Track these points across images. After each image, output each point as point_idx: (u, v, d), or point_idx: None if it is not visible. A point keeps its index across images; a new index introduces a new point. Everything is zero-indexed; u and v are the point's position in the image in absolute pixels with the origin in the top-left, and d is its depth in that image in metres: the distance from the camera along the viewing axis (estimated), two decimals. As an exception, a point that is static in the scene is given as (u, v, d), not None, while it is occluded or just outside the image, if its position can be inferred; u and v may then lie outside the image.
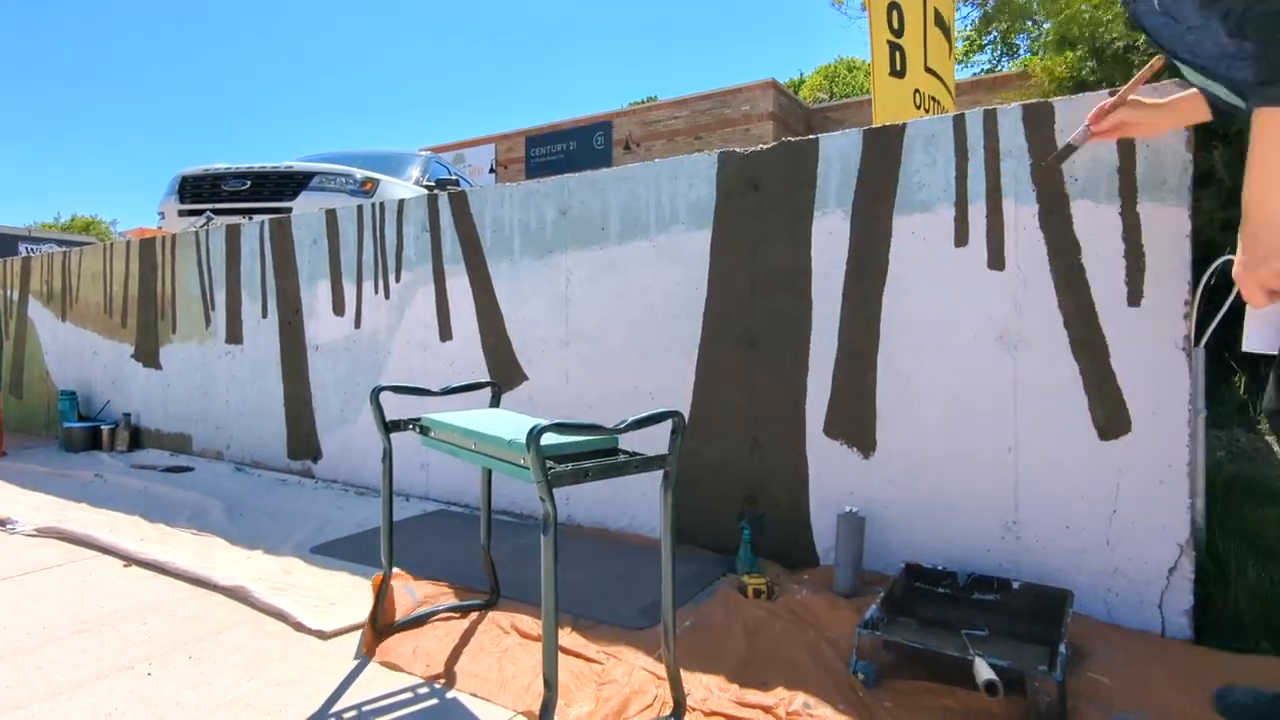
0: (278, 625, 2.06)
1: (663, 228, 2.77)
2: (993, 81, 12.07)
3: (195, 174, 5.59)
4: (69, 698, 1.68)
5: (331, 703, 1.65)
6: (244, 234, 4.22)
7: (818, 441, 2.46)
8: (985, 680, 1.50)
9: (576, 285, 2.99)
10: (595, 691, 1.68)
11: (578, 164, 15.11)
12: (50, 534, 2.89)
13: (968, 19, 7.10)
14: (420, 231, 3.47)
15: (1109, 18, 2.62)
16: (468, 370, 3.30)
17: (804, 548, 2.48)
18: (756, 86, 14.29)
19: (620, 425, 1.46)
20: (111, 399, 5.00)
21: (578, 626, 2.01)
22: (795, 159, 2.50)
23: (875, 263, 2.36)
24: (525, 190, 3.14)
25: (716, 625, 1.99)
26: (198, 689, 1.71)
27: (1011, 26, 6.47)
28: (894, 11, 4.26)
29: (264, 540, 2.82)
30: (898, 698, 1.63)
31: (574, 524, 2.99)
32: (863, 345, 2.38)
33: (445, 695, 1.69)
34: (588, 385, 2.96)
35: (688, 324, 2.72)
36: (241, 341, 4.22)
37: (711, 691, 1.67)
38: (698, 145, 14.46)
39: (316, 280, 3.87)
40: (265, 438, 4.12)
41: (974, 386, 2.20)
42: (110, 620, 2.10)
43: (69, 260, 5.35)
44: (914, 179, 2.30)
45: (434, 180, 6.30)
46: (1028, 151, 2.12)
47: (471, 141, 17.63)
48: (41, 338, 5.57)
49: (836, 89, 24.57)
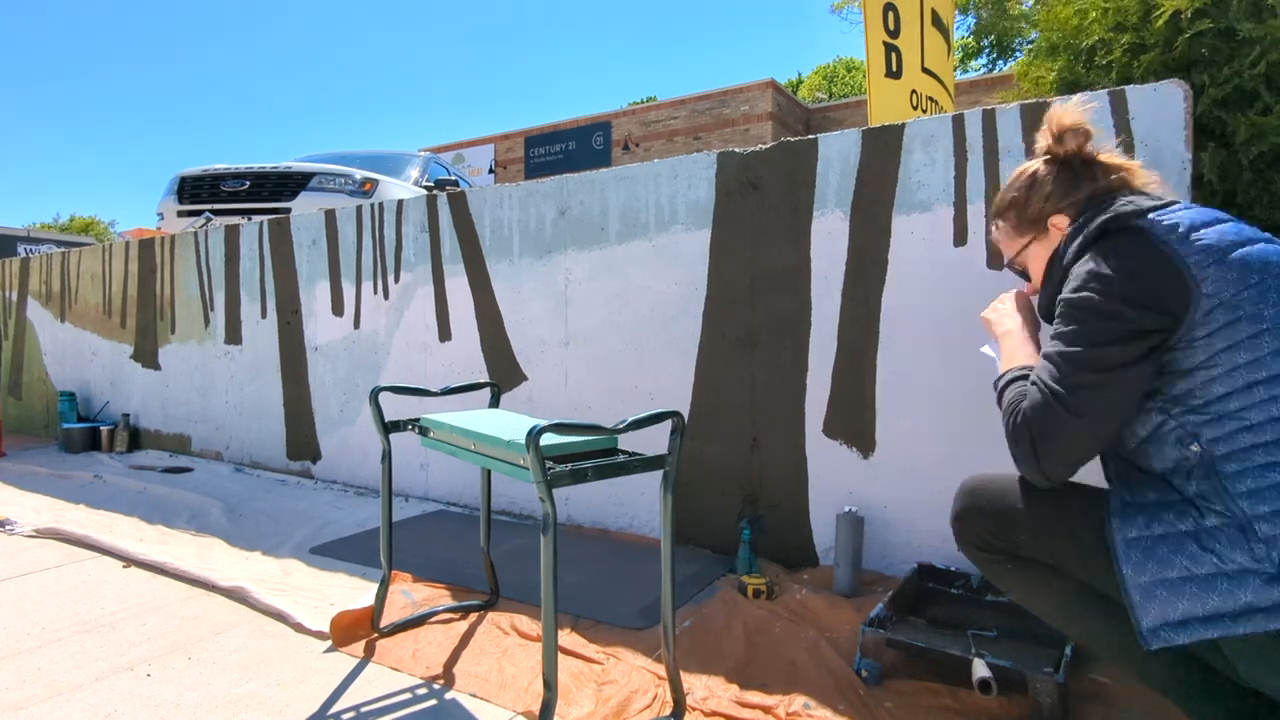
0: (277, 626, 2.06)
1: (662, 228, 2.77)
2: (991, 82, 12.08)
3: (194, 174, 5.58)
4: (69, 698, 1.67)
5: (331, 703, 1.65)
6: (243, 234, 4.22)
7: (817, 441, 2.46)
8: (979, 678, 1.50)
9: (576, 285, 2.99)
10: (595, 692, 1.68)
11: (577, 164, 15.13)
12: (49, 535, 2.89)
13: (966, 25, 7.13)
14: (419, 232, 3.47)
15: (1089, 21, 2.62)
16: (467, 370, 3.30)
17: (804, 548, 2.49)
18: (755, 86, 14.31)
19: (620, 425, 1.46)
20: (110, 400, 4.99)
21: (577, 627, 2.01)
22: (794, 159, 2.50)
23: (874, 262, 2.36)
24: (524, 190, 3.14)
25: (716, 625, 1.98)
26: (197, 690, 1.71)
27: (1002, 38, 6.50)
28: (889, 12, 4.26)
29: (263, 541, 2.82)
30: (899, 698, 1.62)
31: (574, 524, 2.99)
32: (862, 345, 2.38)
33: (445, 696, 1.69)
34: (587, 385, 2.96)
35: (687, 324, 2.72)
36: (241, 342, 4.22)
37: (711, 691, 1.67)
38: (697, 145, 14.46)
39: (315, 281, 3.87)
40: (264, 438, 4.12)
41: (973, 386, 2.20)
42: (110, 621, 2.10)
43: (68, 261, 5.35)
44: (913, 179, 2.30)
45: (433, 180, 6.30)
46: (1026, 151, 2.12)
47: (471, 142, 17.64)
48: (40, 339, 5.57)
49: (835, 89, 24.60)
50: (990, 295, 2.17)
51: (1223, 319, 1.08)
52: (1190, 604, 1.06)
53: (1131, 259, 1.15)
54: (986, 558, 1.35)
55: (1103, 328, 1.14)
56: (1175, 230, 1.14)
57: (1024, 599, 1.35)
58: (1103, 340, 1.13)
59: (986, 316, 1.53)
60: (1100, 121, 2.00)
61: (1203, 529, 1.08)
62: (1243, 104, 2.33)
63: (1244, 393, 1.07)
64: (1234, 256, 1.10)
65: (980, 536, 1.33)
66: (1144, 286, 1.12)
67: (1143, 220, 1.18)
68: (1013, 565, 1.32)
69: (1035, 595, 1.33)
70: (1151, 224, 1.16)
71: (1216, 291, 1.09)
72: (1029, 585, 1.32)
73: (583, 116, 16.24)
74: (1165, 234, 1.14)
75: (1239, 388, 1.08)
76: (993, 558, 1.34)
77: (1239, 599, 1.03)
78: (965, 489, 1.38)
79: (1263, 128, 2.25)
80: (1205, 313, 1.09)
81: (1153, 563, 1.10)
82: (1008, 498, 1.31)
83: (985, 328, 1.53)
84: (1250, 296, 1.08)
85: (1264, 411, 1.06)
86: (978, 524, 1.33)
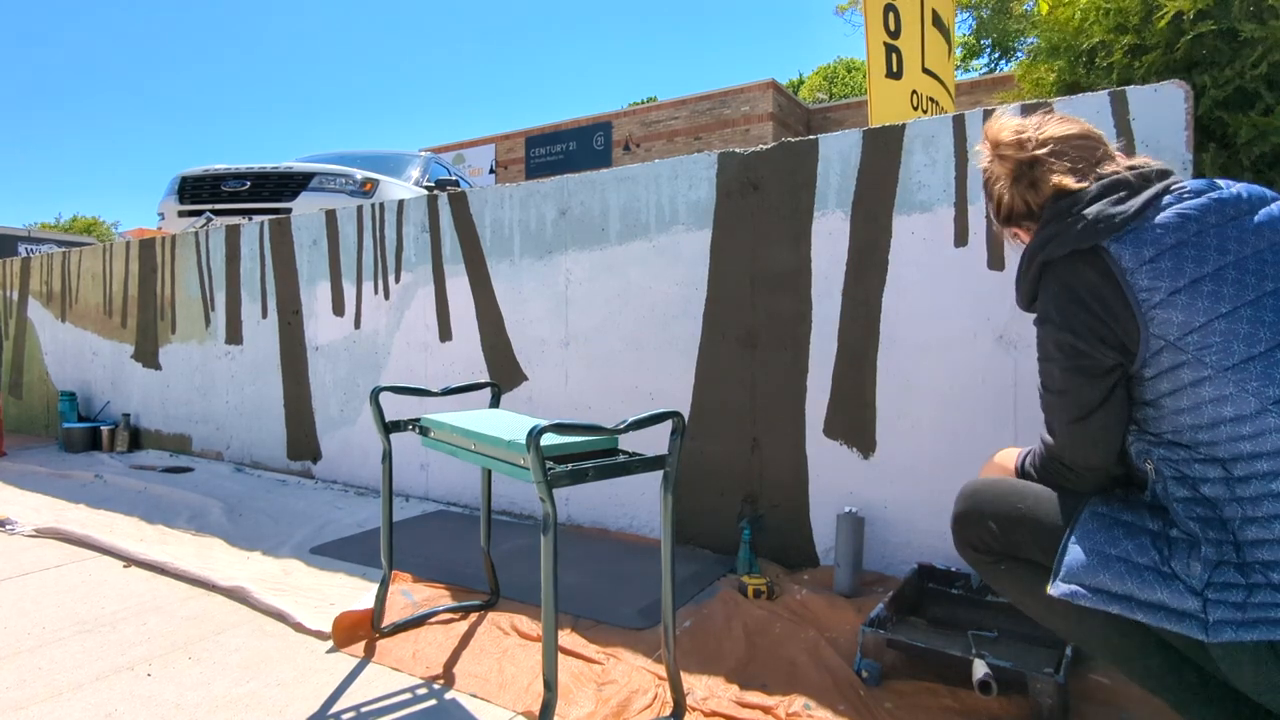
0: (277, 626, 2.06)
1: (662, 228, 2.77)
2: (992, 82, 12.08)
3: (195, 175, 5.59)
4: (69, 698, 1.67)
5: (331, 703, 1.65)
6: (244, 234, 4.22)
7: (818, 441, 2.46)
8: (979, 679, 1.50)
9: (576, 285, 2.99)
10: (595, 692, 1.68)
11: (577, 164, 15.13)
12: (50, 535, 2.89)
13: (967, 24, 7.12)
14: (420, 232, 3.47)
15: (1089, 22, 2.62)
16: (467, 371, 3.30)
17: (804, 548, 2.48)
18: (756, 87, 14.31)
19: (620, 425, 1.45)
20: (111, 400, 5.00)
21: (578, 627, 2.01)
22: (795, 159, 2.50)
23: (875, 263, 2.36)
24: (525, 191, 3.14)
25: (716, 625, 1.98)
26: (197, 689, 1.71)
27: (1001, 39, 6.50)
28: (890, 13, 4.26)
29: (264, 541, 2.82)
30: (899, 698, 1.62)
31: (574, 524, 2.99)
32: (862, 345, 2.38)
33: (445, 695, 1.69)
34: (587, 385, 2.96)
35: (687, 324, 2.72)
36: (241, 342, 4.22)
37: (712, 691, 1.67)
38: (697, 145, 14.46)
39: (316, 281, 3.87)
40: (265, 438, 4.12)
41: (974, 386, 2.20)
42: (110, 621, 2.10)
43: (68, 261, 5.35)
44: (914, 179, 2.30)
45: (434, 181, 6.31)
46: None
47: (471, 142, 17.66)
48: (41, 338, 5.57)
49: (836, 89, 24.60)
50: (990, 295, 2.18)
51: (1169, 361, 1.12)
52: (1111, 579, 1.12)
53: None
54: (983, 558, 1.36)
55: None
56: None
57: (1021, 600, 1.35)
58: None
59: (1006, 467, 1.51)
60: (1101, 123, 2.00)
61: (1165, 535, 1.12)
62: (1244, 105, 2.33)
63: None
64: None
65: (980, 538, 1.34)
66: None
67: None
68: (1006, 566, 1.33)
69: (1032, 597, 1.33)
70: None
71: (1162, 332, 1.12)
72: (1026, 586, 1.32)
73: (583, 117, 16.25)
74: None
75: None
76: (988, 558, 1.35)
77: (1155, 594, 1.09)
78: (966, 491, 1.39)
79: (1264, 128, 2.25)
80: (1154, 352, 1.13)
81: (1102, 535, 1.16)
82: (1009, 499, 1.32)
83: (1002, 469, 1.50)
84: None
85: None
86: (978, 525, 1.34)
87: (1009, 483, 1.36)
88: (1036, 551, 1.28)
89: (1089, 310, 1.16)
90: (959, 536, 1.38)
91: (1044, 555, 1.26)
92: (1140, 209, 1.15)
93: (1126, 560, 1.12)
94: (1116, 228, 1.15)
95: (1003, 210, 1.36)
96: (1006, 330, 2.15)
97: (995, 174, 1.37)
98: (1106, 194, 1.19)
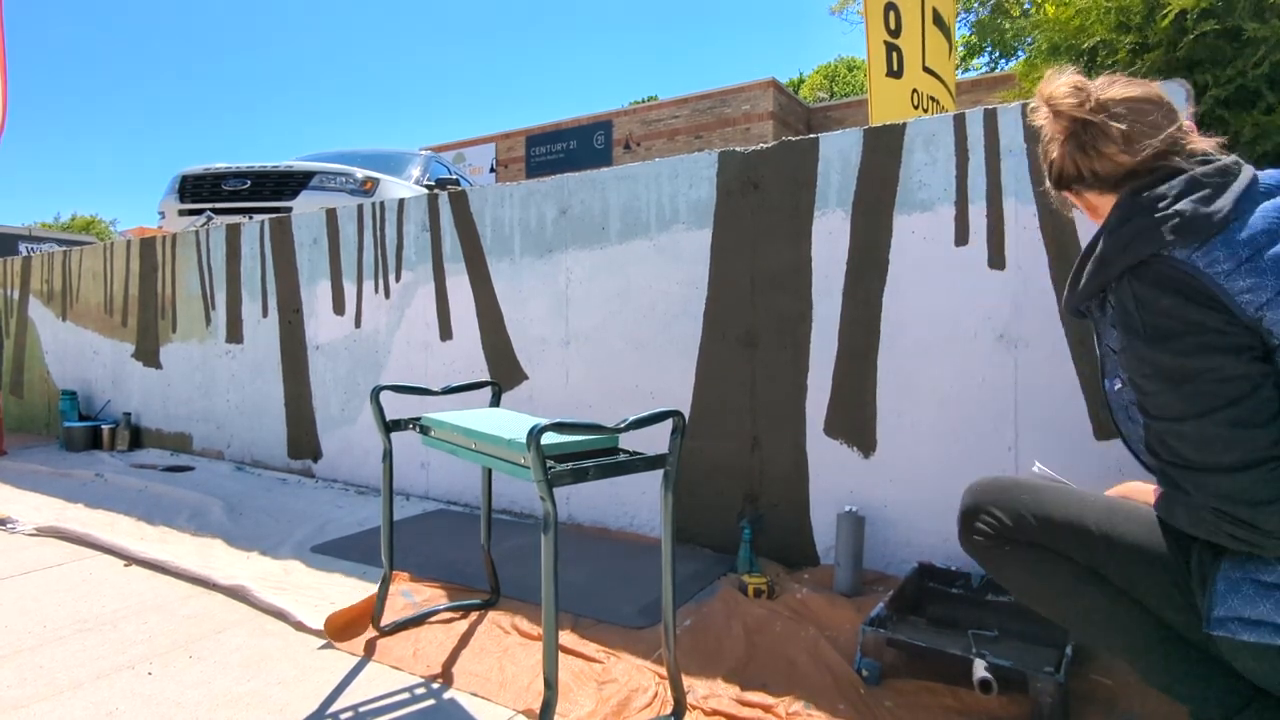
0: (278, 625, 2.06)
1: (663, 227, 2.77)
2: (993, 81, 12.07)
3: (195, 173, 5.58)
4: (70, 697, 1.68)
5: (331, 701, 1.65)
6: (244, 233, 4.22)
7: (818, 441, 2.46)
8: (979, 678, 1.50)
9: (577, 285, 2.99)
10: (596, 691, 1.68)
11: (578, 163, 15.12)
12: (50, 533, 2.89)
13: (967, 23, 7.11)
14: (420, 231, 3.47)
15: (1090, 21, 2.62)
16: (468, 370, 3.30)
17: (804, 547, 2.48)
18: (757, 86, 14.31)
19: (621, 425, 1.45)
20: (112, 398, 5.00)
21: (578, 626, 2.01)
22: (795, 158, 2.50)
23: (875, 262, 2.36)
24: (525, 190, 3.14)
25: (717, 624, 1.98)
26: (198, 688, 1.71)
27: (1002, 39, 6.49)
28: (890, 12, 4.25)
29: (264, 540, 2.82)
30: (899, 697, 1.62)
31: (574, 523, 2.99)
32: (863, 344, 2.38)
33: (445, 695, 1.69)
34: (588, 385, 2.96)
35: (688, 323, 2.72)
36: (242, 341, 4.22)
37: (712, 690, 1.67)
38: (698, 144, 14.46)
39: (317, 280, 3.87)
40: (265, 437, 4.12)
41: (974, 386, 2.20)
42: (111, 620, 2.10)
43: (69, 260, 5.35)
44: (914, 178, 2.30)
45: (434, 180, 6.30)
46: (1028, 151, 2.12)
47: (472, 141, 17.66)
48: (42, 337, 5.57)
49: (836, 88, 24.59)
50: (991, 294, 2.18)
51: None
52: (1272, 609, 1.04)
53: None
54: (986, 544, 1.33)
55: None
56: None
57: (1023, 587, 1.33)
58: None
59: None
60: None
61: None
62: (1246, 104, 2.33)
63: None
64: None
65: (987, 524, 1.32)
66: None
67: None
68: (1011, 548, 1.31)
69: (1037, 580, 1.31)
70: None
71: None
72: (1030, 570, 1.30)
73: (584, 116, 16.25)
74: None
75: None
76: (992, 544, 1.32)
77: None
78: (973, 486, 1.39)
79: (1266, 127, 2.25)
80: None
81: (1253, 562, 1.07)
82: (1018, 488, 1.33)
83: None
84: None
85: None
86: (985, 514, 1.32)
87: (1014, 478, 1.37)
88: (1043, 535, 1.26)
89: (1196, 303, 1.06)
90: (964, 528, 1.37)
91: (1050, 539, 1.25)
92: (1234, 207, 1.07)
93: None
94: (1217, 228, 1.06)
95: (1053, 171, 1.30)
96: (1007, 329, 2.15)
97: (1049, 133, 1.30)
98: (1191, 191, 1.11)
